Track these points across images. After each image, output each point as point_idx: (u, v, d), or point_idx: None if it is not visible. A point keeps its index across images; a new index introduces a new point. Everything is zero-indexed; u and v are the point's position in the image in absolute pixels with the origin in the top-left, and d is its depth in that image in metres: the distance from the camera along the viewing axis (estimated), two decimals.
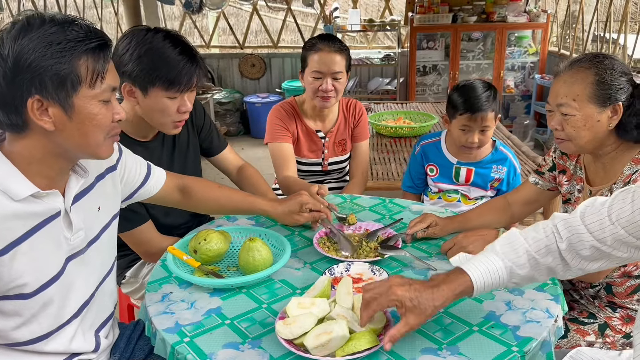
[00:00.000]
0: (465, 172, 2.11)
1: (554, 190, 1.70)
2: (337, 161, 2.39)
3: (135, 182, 1.41)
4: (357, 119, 2.37)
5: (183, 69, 1.51)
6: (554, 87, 1.47)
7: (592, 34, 5.17)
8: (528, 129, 5.50)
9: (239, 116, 6.25)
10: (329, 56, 2.10)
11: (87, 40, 1.01)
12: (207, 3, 5.67)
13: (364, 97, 5.93)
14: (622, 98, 1.39)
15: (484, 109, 1.92)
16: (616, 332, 1.51)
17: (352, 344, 1.07)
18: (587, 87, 1.38)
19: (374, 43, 7.01)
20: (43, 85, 0.98)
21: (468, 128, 1.97)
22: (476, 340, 1.15)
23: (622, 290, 1.52)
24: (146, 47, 1.49)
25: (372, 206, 1.92)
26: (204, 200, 1.61)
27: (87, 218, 1.18)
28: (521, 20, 5.53)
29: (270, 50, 6.63)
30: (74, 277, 1.14)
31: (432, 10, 5.53)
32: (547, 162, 1.69)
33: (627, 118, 1.40)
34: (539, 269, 1.12)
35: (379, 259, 1.49)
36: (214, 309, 1.29)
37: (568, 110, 1.42)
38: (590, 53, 1.48)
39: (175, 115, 1.58)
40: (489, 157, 2.10)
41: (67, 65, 0.98)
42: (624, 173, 1.42)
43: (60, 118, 1.02)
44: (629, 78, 1.40)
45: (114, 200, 1.32)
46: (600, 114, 1.39)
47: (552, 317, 1.23)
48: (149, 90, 1.52)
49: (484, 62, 5.80)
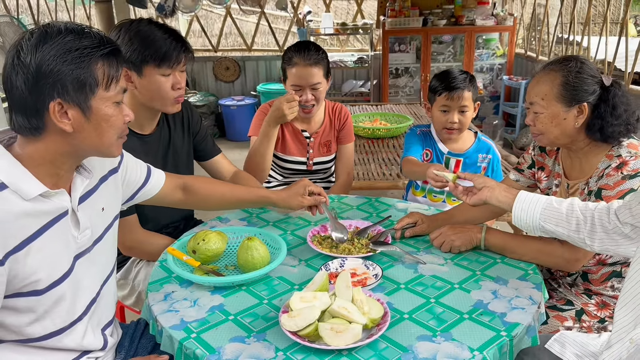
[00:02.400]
0: (455, 162, 2.23)
1: (533, 186, 1.80)
2: (322, 161, 2.46)
3: (136, 183, 1.45)
4: (342, 122, 2.45)
5: (170, 45, 1.65)
6: (529, 87, 1.60)
7: (556, 36, 5.38)
8: (497, 129, 5.68)
9: (214, 119, 6.25)
10: (306, 70, 2.17)
11: (102, 47, 1.08)
12: (180, 7, 5.66)
13: (338, 99, 6.02)
14: (588, 99, 1.49)
15: (461, 87, 2.07)
16: (592, 317, 1.61)
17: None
18: (554, 87, 1.50)
19: (347, 46, 7.11)
20: (64, 89, 1.04)
21: (447, 107, 2.11)
22: (467, 327, 1.23)
23: (597, 278, 1.63)
24: (134, 31, 1.64)
25: (359, 205, 2.00)
26: (208, 195, 1.68)
27: (92, 218, 1.23)
28: (489, 24, 5.71)
29: (244, 53, 6.65)
30: (82, 275, 1.18)
31: (403, 14, 5.66)
32: (526, 160, 1.80)
33: (593, 119, 1.50)
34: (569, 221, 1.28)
35: (371, 254, 1.57)
36: (216, 305, 1.34)
37: (537, 109, 1.54)
38: (564, 56, 1.59)
39: (170, 92, 1.70)
40: (474, 146, 2.23)
41: (86, 69, 1.05)
42: (599, 168, 1.52)
43: (78, 120, 1.08)
44: (598, 80, 1.50)
45: (115, 201, 1.36)
46: (566, 112, 1.50)
47: (536, 303, 1.33)
48: (143, 70, 1.65)
49: (454, 64, 5.96)
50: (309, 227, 1.77)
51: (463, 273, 1.48)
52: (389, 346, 1.17)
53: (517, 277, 1.45)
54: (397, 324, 1.25)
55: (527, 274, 1.47)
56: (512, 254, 1.55)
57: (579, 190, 1.59)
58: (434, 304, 1.33)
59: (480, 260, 1.56)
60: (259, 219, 1.87)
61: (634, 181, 1.43)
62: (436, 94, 2.13)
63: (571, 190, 1.62)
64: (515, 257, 1.55)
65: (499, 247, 1.57)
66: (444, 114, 2.13)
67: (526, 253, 1.54)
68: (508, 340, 1.19)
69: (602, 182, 1.48)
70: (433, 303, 1.34)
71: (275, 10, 6.69)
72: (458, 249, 1.58)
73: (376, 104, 4.63)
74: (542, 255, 1.53)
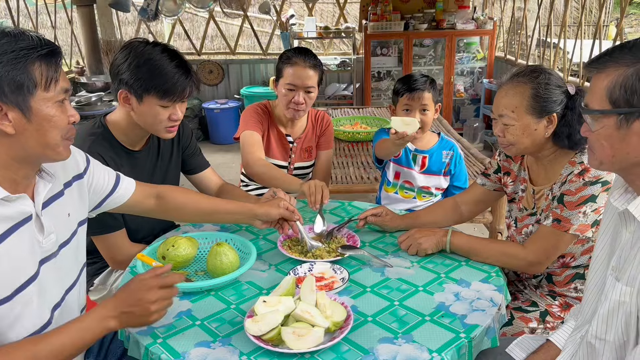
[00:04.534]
0: (421, 158, 2.35)
1: (499, 190, 1.84)
2: (302, 166, 2.49)
3: (103, 190, 1.46)
4: (323, 128, 2.50)
5: (178, 81, 1.62)
6: (496, 98, 1.61)
7: (535, 39, 5.46)
8: (477, 132, 5.75)
9: (197, 122, 6.25)
10: (304, 71, 2.21)
11: (39, 48, 1.09)
12: (162, 10, 5.66)
13: (322, 103, 6.05)
14: (556, 109, 1.53)
15: (421, 88, 2.18)
16: (555, 318, 1.66)
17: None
18: (525, 100, 1.53)
19: (331, 49, 7.15)
20: (2, 91, 1.06)
21: (409, 107, 2.22)
22: (428, 329, 1.27)
23: (561, 280, 1.68)
24: (145, 57, 1.61)
25: (332, 209, 2.03)
26: (183, 204, 1.66)
27: (58, 223, 1.24)
28: (469, 28, 5.78)
29: (228, 57, 6.66)
30: (47, 280, 1.19)
31: (385, 18, 5.71)
32: (492, 165, 1.84)
33: (561, 128, 1.54)
34: None
35: (340, 258, 1.60)
36: (184, 311, 1.36)
37: (508, 121, 1.56)
38: (529, 66, 1.62)
39: (166, 121, 1.69)
40: (437, 144, 2.37)
41: (22, 70, 1.07)
42: (562, 174, 1.57)
43: (19, 121, 1.09)
44: (564, 90, 1.54)
45: (82, 208, 1.38)
46: (537, 123, 1.54)
47: (496, 305, 1.36)
48: (144, 98, 1.63)
49: (435, 67, 6.02)
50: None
51: (428, 276, 1.52)
52: (350, 349, 1.20)
53: (479, 280, 1.49)
54: (360, 327, 1.28)
55: (490, 276, 1.51)
56: (477, 257, 1.59)
57: (544, 196, 1.63)
58: (398, 307, 1.36)
59: (445, 263, 1.59)
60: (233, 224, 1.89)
61: (595, 187, 1.47)
62: (399, 96, 2.24)
63: (537, 196, 1.66)
64: (480, 259, 1.59)
65: (464, 249, 1.61)
66: (406, 113, 2.22)
67: (490, 256, 1.58)
68: (467, 342, 1.22)
69: (565, 187, 1.52)
70: (397, 306, 1.37)
71: (258, 13, 6.71)
72: (425, 251, 1.62)
73: (358, 107, 4.66)
74: (505, 258, 1.57)
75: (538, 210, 1.65)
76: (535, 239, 1.57)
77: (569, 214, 1.49)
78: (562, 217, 1.50)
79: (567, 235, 1.51)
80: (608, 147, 1.06)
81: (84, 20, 5.46)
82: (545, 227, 1.54)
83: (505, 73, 1.62)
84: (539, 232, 1.57)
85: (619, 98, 1.01)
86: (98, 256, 1.79)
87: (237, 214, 1.68)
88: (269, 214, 1.65)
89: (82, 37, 5.56)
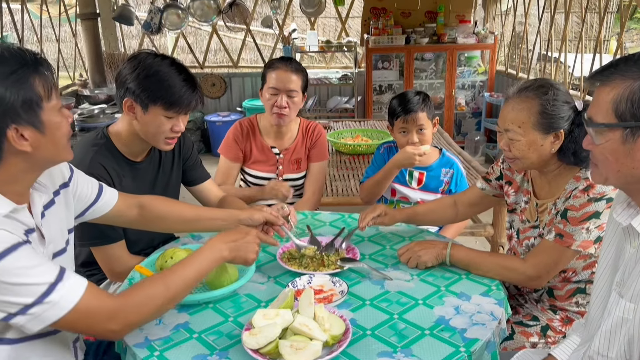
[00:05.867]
0: (418, 175, 2.32)
1: (498, 196, 1.84)
2: (291, 178, 2.49)
3: (87, 200, 1.46)
4: (314, 140, 2.49)
5: (185, 94, 1.65)
6: (502, 112, 1.58)
7: (536, 53, 5.48)
8: (479, 145, 5.75)
9: (199, 135, 6.27)
10: (286, 74, 2.27)
11: (30, 62, 1.09)
12: (166, 24, 5.70)
13: (324, 116, 6.07)
14: (563, 125, 1.50)
15: (415, 109, 2.17)
16: (557, 333, 1.64)
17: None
18: (532, 115, 1.50)
19: (332, 63, 7.19)
20: (16, 115, 1.06)
21: (406, 129, 2.21)
22: (428, 343, 1.25)
23: (562, 294, 1.66)
24: (154, 69, 1.64)
25: (332, 221, 2.02)
26: (166, 213, 1.65)
27: (54, 232, 1.25)
28: (470, 42, 5.80)
29: (231, 70, 6.70)
30: None
31: (387, 32, 5.74)
32: (494, 171, 1.83)
33: (567, 144, 1.52)
34: None
35: (339, 271, 1.59)
36: (181, 324, 1.35)
37: (514, 136, 1.54)
38: (537, 80, 1.58)
39: (168, 132, 1.70)
40: (437, 161, 2.32)
41: (28, 89, 1.07)
42: (566, 189, 1.55)
43: (35, 137, 1.10)
44: (571, 106, 1.52)
45: (69, 216, 1.38)
46: (543, 139, 1.51)
47: (496, 319, 1.35)
48: (149, 108, 1.65)
49: (436, 81, 6.04)
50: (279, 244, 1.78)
51: (428, 289, 1.50)
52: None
53: (480, 293, 1.48)
54: (359, 341, 1.27)
55: (490, 289, 1.50)
56: (477, 270, 1.58)
57: (548, 210, 1.62)
58: (397, 320, 1.35)
59: (445, 276, 1.58)
60: None
61: (600, 204, 1.46)
62: (394, 118, 2.22)
63: (540, 209, 1.65)
64: (480, 273, 1.57)
65: (464, 262, 1.60)
66: (404, 135, 2.22)
67: (490, 269, 1.56)
68: (467, 356, 1.21)
69: (569, 203, 1.50)
70: (396, 319, 1.35)
71: (261, 27, 6.76)
72: (424, 264, 1.61)
73: (359, 120, 4.67)
74: (505, 271, 1.56)
75: (541, 224, 1.64)
76: (536, 253, 1.56)
77: (572, 230, 1.48)
78: (565, 233, 1.49)
79: (569, 250, 1.49)
80: (613, 162, 1.05)
81: (87, 34, 5.51)
82: (547, 241, 1.53)
83: (512, 85, 1.59)
84: (541, 246, 1.56)
85: (626, 111, 1.00)
86: (97, 268, 1.78)
87: (220, 219, 1.69)
88: (252, 218, 1.66)
89: (86, 50, 5.60)
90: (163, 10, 5.63)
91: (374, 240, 1.85)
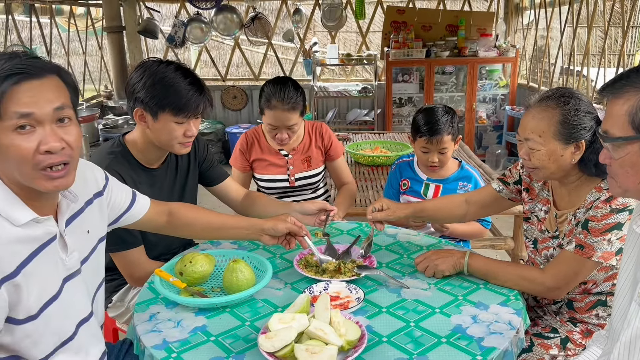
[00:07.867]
0: (434, 188, 2.29)
1: (514, 200, 1.82)
2: (305, 176, 2.52)
3: (120, 207, 1.49)
4: (326, 141, 2.53)
5: (192, 97, 1.66)
6: (523, 120, 1.57)
7: (558, 67, 5.44)
8: (500, 158, 5.70)
9: (220, 146, 6.35)
10: (283, 114, 2.25)
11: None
12: (189, 38, 5.82)
13: (343, 128, 6.10)
14: (585, 136, 1.48)
15: (440, 133, 2.12)
16: (577, 346, 1.61)
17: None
18: (553, 125, 1.48)
19: (353, 76, 7.24)
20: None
21: (427, 149, 2.18)
22: (444, 351, 1.25)
23: (582, 306, 1.63)
24: (159, 76, 1.65)
25: (349, 230, 2.03)
26: (193, 219, 1.68)
27: (78, 240, 1.26)
28: (491, 55, 5.79)
29: (252, 83, 6.79)
30: (70, 296, 1.21)
31: (407, 45, 5.76)
32: (512, 174, 1.80)
33: (589, 155, 1.49)
34: None
35: (356, 278, 1.59)
36: (199, 326, 1.37)
37: (534, 145, 1.52)
38: (559, 89, 1.56)
39: (181, 138, 1.72)
40: (455, 174, 2.29)
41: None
42: (587, 199, 1.53)
43: None
44: (594, 117, 1.50)
45: (101, 224, 1.40)
46: (564, 149, 1.50)
47: (514, 329, 1.33)
48: (159, 115, 1.67)
49: (456, 94, 6.03)
50: (297, 251, 1.79)
51: (445, 298, 1.50)
52: None
53: (498, 303, 1.46)
54: (374, 347, 1.26)
55: (508, 299, 1.48)
56: (495, 280, 1.56)
57: (567, 220, 1.60)
58: (414, 328, 1.35)
59: (463, 285, 1.57)
60: (250, 242, 1.90)
61: (622, 215, 1.43)
62: (417, 135, 2.19)
63: (560, 220, 1.63)
64: (498, 282, 1.56)
65: (482, 272, 1.59)
66: (424, 153, 2.21)
67: (508, 279, 1.55)
68: None
69: (590, 213, 1.48)
70: (412, 327, 1.35)
71: (282, 41, 6.84)
72: (442, 273, 1.60)
73: (379, 132, 4.68)
74: (523, 282, 1.54)
75: (560, 235, 1.62)
76: (556, 264, 1.54)
77: (593, 241, 1.46)
78: (586, 244, 1.47)
79: (590, 262, 1.47)
80: (633, 174, 1.03)
81: (113, 47, 5.65)
82: (567, 252, 1.51)
83: (533, 95, 1.58)
84: (560, 257, 1.54)
85: None
86: (117, 273, 1.81)
87: (244, 228, 1.70)
88: (276, 228, 1.66)
89: (112, 63, 5.75)
90: (187, 24, 5.75)
91: (391, 249, 1.85)
